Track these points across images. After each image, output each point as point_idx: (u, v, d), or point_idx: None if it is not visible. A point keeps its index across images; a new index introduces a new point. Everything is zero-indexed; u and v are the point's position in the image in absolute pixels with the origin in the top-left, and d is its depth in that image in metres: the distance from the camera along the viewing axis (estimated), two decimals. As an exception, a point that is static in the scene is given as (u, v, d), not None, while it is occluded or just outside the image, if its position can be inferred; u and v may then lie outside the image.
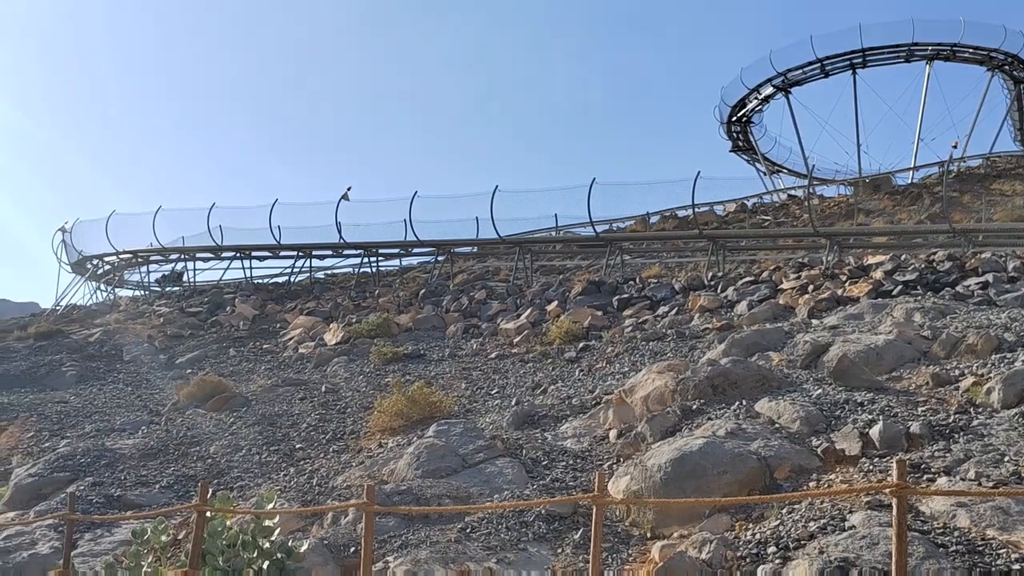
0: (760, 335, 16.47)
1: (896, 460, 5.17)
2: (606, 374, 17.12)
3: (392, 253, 39.37)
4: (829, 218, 38.34)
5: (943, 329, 14.62)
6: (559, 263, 36.59)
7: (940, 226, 28.59)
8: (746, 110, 55.81)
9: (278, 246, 38.63)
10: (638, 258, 34.51)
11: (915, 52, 51.62)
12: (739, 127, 57.14)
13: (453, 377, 19.16)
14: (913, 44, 50.96)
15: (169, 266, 42.91)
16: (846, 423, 10.91)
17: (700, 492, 9.65)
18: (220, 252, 40.48)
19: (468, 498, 10.86)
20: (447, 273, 35.32)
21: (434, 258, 38.64)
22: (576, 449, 12.72)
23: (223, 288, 38.56)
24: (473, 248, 38.73)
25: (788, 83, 53.51)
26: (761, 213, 44.38)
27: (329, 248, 38.59)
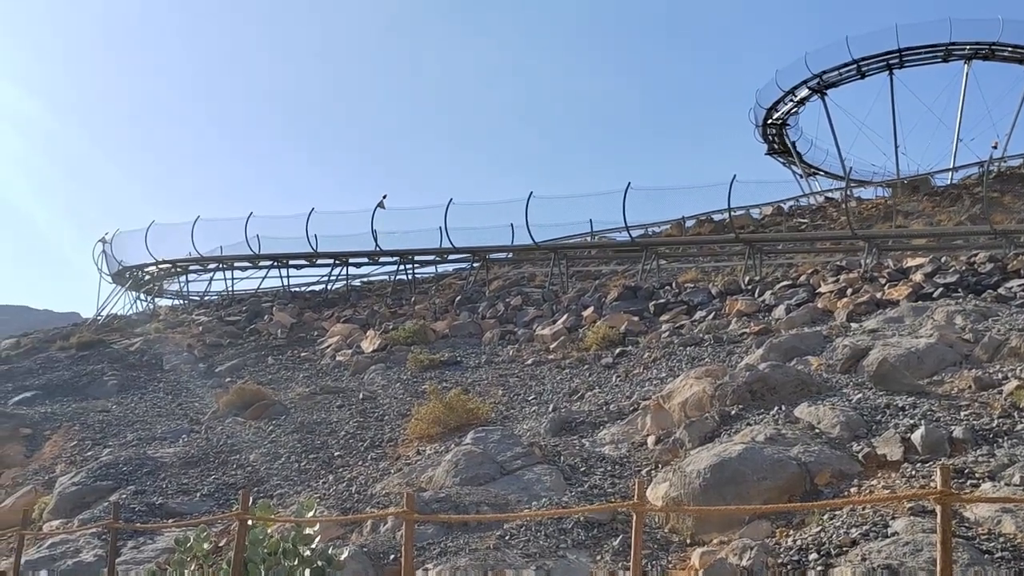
0: (798, 339, 16.34)
1: (940, 466, 5.11)
2: (643, 380, 17.06)
3: (428, 260, 39.52)
4: (867, 220, 37.90)
5: (985, 332, 14.42)
6: (594, 268, 36.48)
7: (981, 227, 28.17)
8: (781, 112, 55.41)
9: (315, 254, 38.88)
10: (674, 263, 34.34)
11: (953, 52, 50.98)
12: (774, 130, 56.74)
13: (490, 384, 19.18)
14: (951, 44, 50.34)
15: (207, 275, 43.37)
16: (887, 428, 10.80)
17: (740, 498, 9.60)
18: (257, 261, 40.84)
19: (506, 505, 10.88)
20: (482, 280, 35.36)
21: (469, 265, 38.72)
22: (614, 455, 12.68)
23: (261, 297, 38.93)
24: (508, 254, 38.75)
25: (824, 85, 53.06)
26: (798, 216, 43.99)
27: (365, 256, 38.78)
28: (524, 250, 36.09)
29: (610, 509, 9.90)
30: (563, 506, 10.60)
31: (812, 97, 54.01)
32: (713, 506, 9.41)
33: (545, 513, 9.99)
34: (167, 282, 45.40)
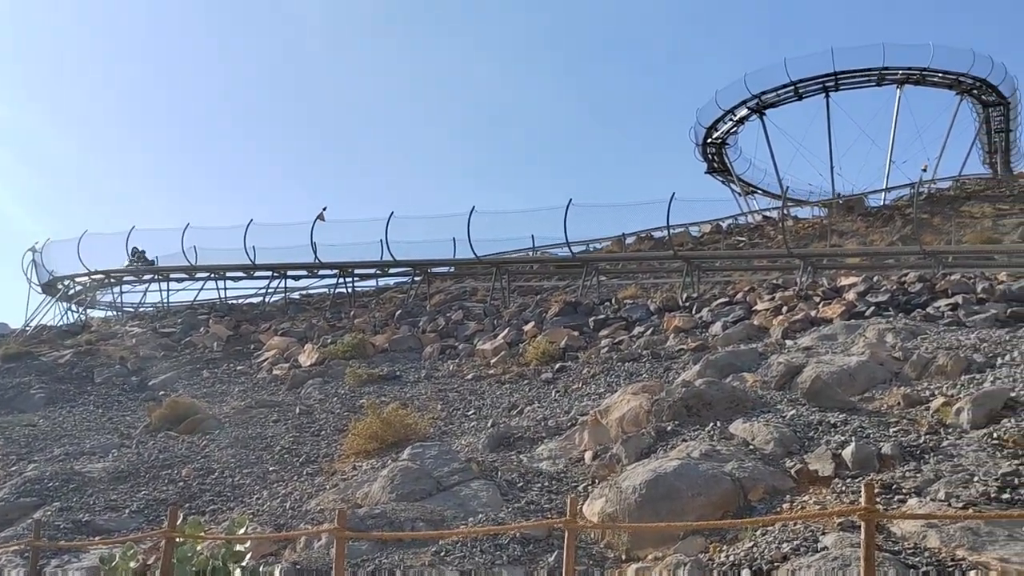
0: (734, 356, 16.56)
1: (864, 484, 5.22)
2: (582, 395, 17.14)
3: (368, 274, 39.37)
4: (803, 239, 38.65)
5: (914, 350, 14.75)
6: (536, 284, 36.65)
7: (911, 248, 28.91)
8: (721, 132, 56.28)
9: (253, 266, 38.50)
10: (614, 279, 34.63)
11: (886, 76, 52.31)
12: (714, 149, 57.60)
13: (429, 399, 19.12)
14: (884, 68, 51.64)
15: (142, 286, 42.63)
16: (819, 444, 10.97)
17: (674, 514, 9.67)
18: (194, 273, 40.30)
19: (442, 521, 10.84)
20: (424, 294, 35.30)
21: (411, 279, 38.63)
22: (552, 471, 12.70)
23: (197, 309, 38.36)
24: (450, 268, 38.76)
25: (762, 105, 54.03)
26: (736, 234, 44.73)
27: (304, 268, 38.51)
28: (466, 264, 36.14)
29: (544, 526, 9.91)
30: (499, 522, 10.59)
31: (751, 117, 54.95)
32: (648, 522, 9.47)
33: (481, 530, 9.97)
34: (99, 293, 44.53)
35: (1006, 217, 37.93)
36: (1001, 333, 15.67)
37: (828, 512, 8.53)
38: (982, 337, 15.41)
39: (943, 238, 33.59)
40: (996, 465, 9.41)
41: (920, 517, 8.04)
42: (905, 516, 7.99)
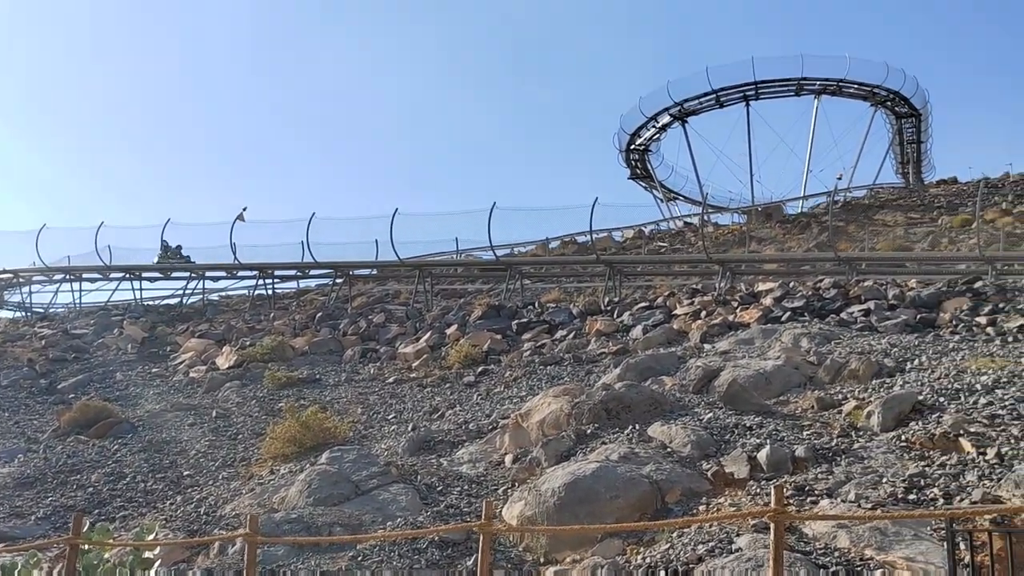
0: (654, 360, 16.74)
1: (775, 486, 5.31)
2: (504, 398, 17.16)
3: (289, 275, 38.84)
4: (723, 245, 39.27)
5: (828, 355, 15.10)
6: (459, 287, 36.57)
7: (826, 254, 29.57)
8: (644, 138, 56.86)
9: (170, 267, 37.70)
10: (538, 283, 34.75)
11: (804, 86, 53.48)
12: (637, 155, 58.17)
13: (349, 402, 18.95)
14: (802, 79, 52.78)
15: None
16: (735, 447, 11.16)
17: (593, 516, 9.74)
18: (108, 273, 39.28)
19: (360, 526, 10.74)
20: (345, 296, 34.97)
21: (332, 280, 38.19)
22: (472, 474, 12.70)
23: (111, 310, 37.36)
24: (372, 271, 38.44)
25: (685, 113, 54.75)
26: (658, 240, 45.24)
27: (223, 269, 37.85)
28: (389, 267, 35.89)
29: (462, 529, 9.88)
30: (418, 526, 10.53)
31: (674, 124, 55.64)
32: (566, 525, 9.51)
33: (398, 534, 9.90)
34: (7, 293, 43.10)
35: (917, 226, 39.06)
36: (911, 338, 16.13)
37: (742, 514, 8.67)
38: (893, 342, 15.84)
39: (857, 245, 34.44)
40: (904, 467, 9.69)
41: (828, 518, 8.22)
42: (814, 517, 8.17)
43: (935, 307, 18.59)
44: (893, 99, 53.95)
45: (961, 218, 36.97)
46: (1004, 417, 10.64)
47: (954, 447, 10.04)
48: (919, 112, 55.29)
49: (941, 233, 36.06)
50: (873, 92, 53.50)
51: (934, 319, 17.74)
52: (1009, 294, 18.52)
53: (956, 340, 15.73)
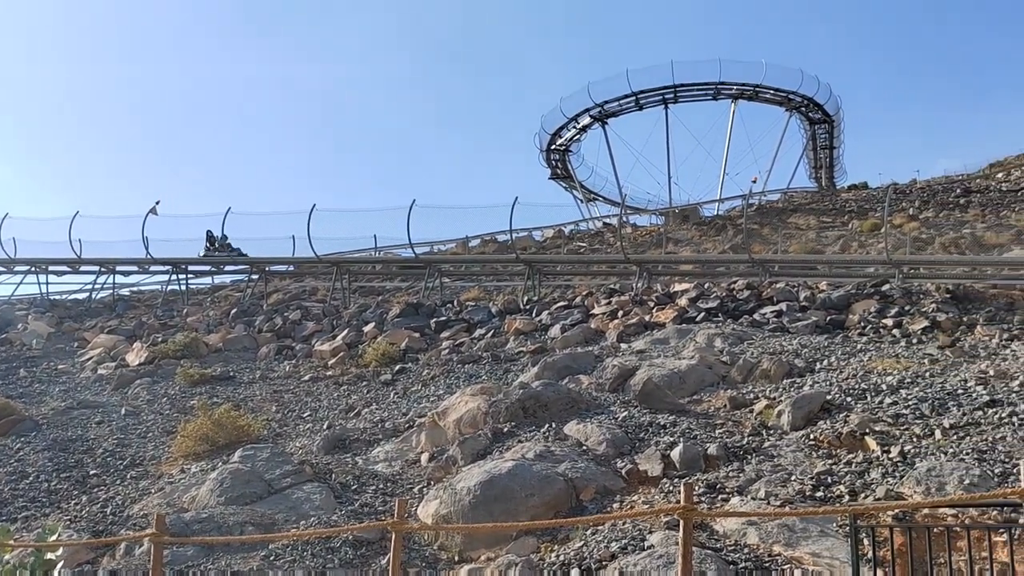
0: (571, 359, 16.85)
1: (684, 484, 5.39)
2: (421, 397, 17.09)
3: (203, 271, 38.03)
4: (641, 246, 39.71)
5: (741, 355, 15.39)
6: (378, 284, 36.29)
7: (741, 256, 30.06)
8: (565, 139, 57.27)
9: (78, 260, 36.59)
10: (457, 281, 34.66)
11: (722, 91, 54.49)
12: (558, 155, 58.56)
13: (263, 400, 18.66)
14: (720, 83, 53.77)
15: None
16: (649, 445, 11.30)
17: (508, 515, 9.75)
18: (12, 266, 37.99)
19: (273, 525, 10.59)
20: (261, 292, 34.40)
21: (247, 277, 37.55)
22: (387, 473, 12.62)
23: (15, 304, 36.10)
24: (289, 267, 37.92)
25: (605, 114, 55.30)
26: (577, 240, 45.56)
27: (134, 264, 36.87)
28: (306, 263, 35.42)
29: (375, 528, 9.81)
30: (332, 525, 10.43)
31: (594, 125, 56.16)
32: (481, 523, 9.51)
33: (311, 533, 9.78)
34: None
35: (829, 229, 40.06)
36: (821, 339, 16.54)
37: (653, 511, 8.78)
38: (803, 343, 16.22)
39: (771, 248, 35.16)
40: (812, 465, 9.92)
41: (737, 515, 8.38)
42: (722, 514, 8.32)
43: (844, 309, 19.08)
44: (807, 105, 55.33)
45: (871, 223, 38.01)
46: (907, 416, 10.98)
47: (860, 445, 10.32)
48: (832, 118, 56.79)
49: (851, 237, 37.04)
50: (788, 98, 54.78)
51: (843, 321, 18.21)
52: (914, 297, 19.12)
53: (864, 341, 16.17)
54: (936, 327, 16.56)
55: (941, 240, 34.13)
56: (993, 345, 14.90)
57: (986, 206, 40.68)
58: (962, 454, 9.40)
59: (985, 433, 10.02)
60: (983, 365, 13.13)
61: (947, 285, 20.48)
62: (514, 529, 9.29)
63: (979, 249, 32.39)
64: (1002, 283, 23.39)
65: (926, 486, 8.61)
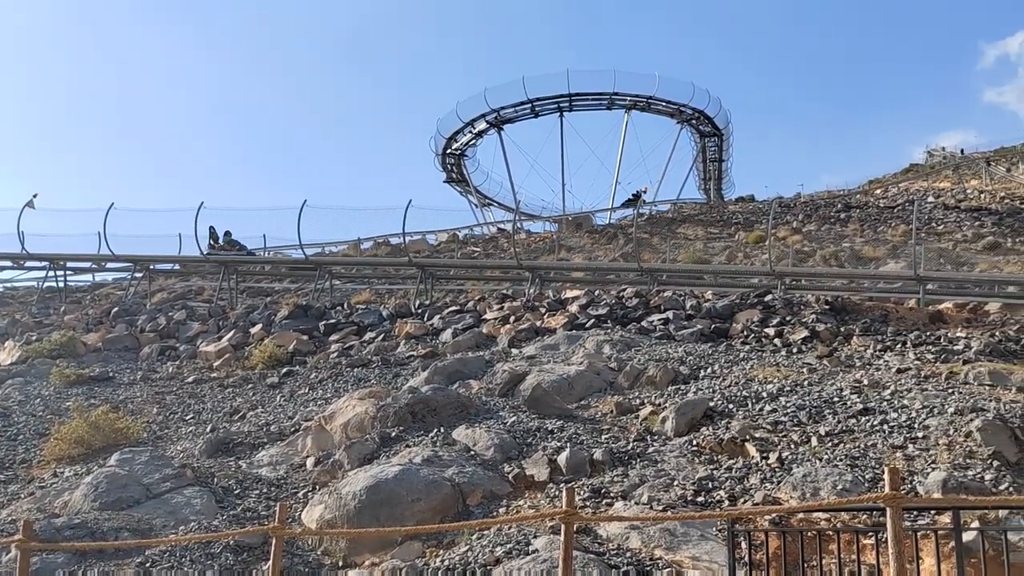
0: (462, 363, 16.87)
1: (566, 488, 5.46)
2: (308, 400, 16.87)
3: (83, 267, 36.79)
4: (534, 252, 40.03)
5: (628, 361, 15.65)
6: (267, 285, 35.71)
7: (631, 265, 30.61)
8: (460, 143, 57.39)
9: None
10: (348, 283, 34.35)
11: (616, 101, 55.42)
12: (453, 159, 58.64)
13: (144, 402, 18.15)
14: (614, 94, 54.68)
15: None
16: (537, 450, 11.40)
17: (394, 519, 9.71)
18: None
19: (150, 531, 10.31)
20: (145, 291, 33.46)
21: (131, 274, 36.44)
22: (271, 477, 12.43)
23: None
24: (175, 266, 37.00)
25: (501, 120, 55.60)
26: (472, 244, 45.67)
27: (9, 259, 35.45)
28: (192, 262, 34.64)
29: (256, 532, 9.63)
30: (213, 530, 10.21)
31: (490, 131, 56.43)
32: (366, 527, 9.44)
33: (191, 538, 9.56)
34: None
35: (716, 240, 41.13)
36: (705, 347, 16.93)
37: (538, 515, 8.87)
38: (688, 351, 16.59)
39: (660, 257, 35.87)
40: (694, 470, 10.16)
41: (619, 519, 8.52)
42: (604, 519, 8.45)
43: (729, 318, 19.57)
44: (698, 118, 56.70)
45: (756, 234, 39.14)
46: (786, 423, 11.33)
47: (740, 451, 10.61)
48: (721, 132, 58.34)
49: (737, 248, 38.10)
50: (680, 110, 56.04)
51: (727, 329, 18.68)
52: (795, 308, 19.73)
53: (746, 350, 16.62)
54: (815, 337, 17.13)
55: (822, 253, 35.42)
56: (868, 355, 15.49)
57: (865, 221, 42.37)
58: (836, 460, 9.76)
59: (858, 440, 10.42)
60: (858, 374, 13.64)
61: (826, 297, 21.21)
62: (399, 534, 9.25)
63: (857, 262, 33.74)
64: (877, 295, 24.48)
65: (802, 491, 8.91)
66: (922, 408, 11.23)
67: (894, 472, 5.18)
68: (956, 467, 9.25)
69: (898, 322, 18.66)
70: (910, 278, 24.82)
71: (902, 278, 26.18)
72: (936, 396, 11.77)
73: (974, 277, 27.33)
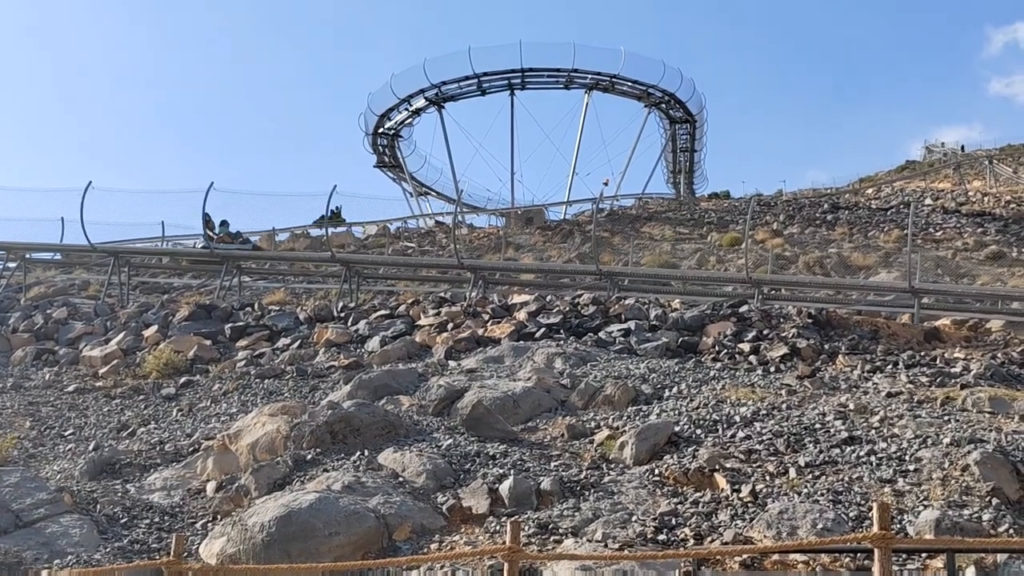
0: (391, 376, 16.80)
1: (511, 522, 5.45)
2: (210, 415, 16.71)
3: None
4: (477, 250, 40.11)
5: (583, 378, 15.71)
6: (164, 281, 35.32)
7: (588, 267, 30.75)
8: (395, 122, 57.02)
9: None
10: (260, 280, 34.09)
11: (575, 79, 55.34)
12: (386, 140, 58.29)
13: (15, 414, 17.84)
14: (573, 71, 54.55)
15: None
16: (476, 478, 11.38)
17: (308, 555, 9.63)
18: None
19: (19, 565, 10.12)
20: (19, 284, 32.88)
21: (3, 264, 35.78)
22: (165, 504, 12.28)
23: None
24: (56, 255, 36.42)
25: (442, 97, 55.34)
26: (405, 239, 45.52)
27: None
28: (77, 251, 34.11)
29: (146, 568, 9.51)
30: (94, 564, 10.05)
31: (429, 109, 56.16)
32: (275, 563, 9.35)
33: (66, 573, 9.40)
34: None
35: (685, 241, 41.52)
36: (671, 364, 17.07)
37: (475, 552, 8.84)
38: (652, 367, 16.71)
39: (621, 259, 36.12)
40: (655, 504, 10.23)
41: (569, 557, 8.53)
42: (552, 557, 8.46)
43: (698, 331, 19.76)
44: (668, 101, 56.91)
45: (731, 236, 39.61)
46: (761, 452, 11.45)
47: (709, 483, 10.69)
48: (694, 118, 58.64)
49: (709, 251, 38.51)
50: (648, 92, 56.15)
51: (697, 343, 18.85)
52: (774, 321, 19.97)
53: (718, 368, 16.79)
54: (796, 355, 17.36)
55: (805, 259, 35.95)
56: (855, 377, 15.73)
57: (854, 224, 43.08)
58: (816, 495, 9.88)
59: (842, 472, 10.56)
60: (843, 398, 13.83)
61: (809, 309, 21.48)
62: (314, 572, 9.17)
63: (845, 271, 34.30)
64: (867, 309, 24.86)
65: (777, 530, 9.00)
66: (914, 438, 11.41)
67: (884, 509, 5.26)
68: (951, 505, 9.42)
69: (889, 340, 18.98)
70: (904, 290, 25.23)
71: (895, 290, 26.63)
72: (930, 424, 11.98)
73: (975, 291, 27.93)
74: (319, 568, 9.02)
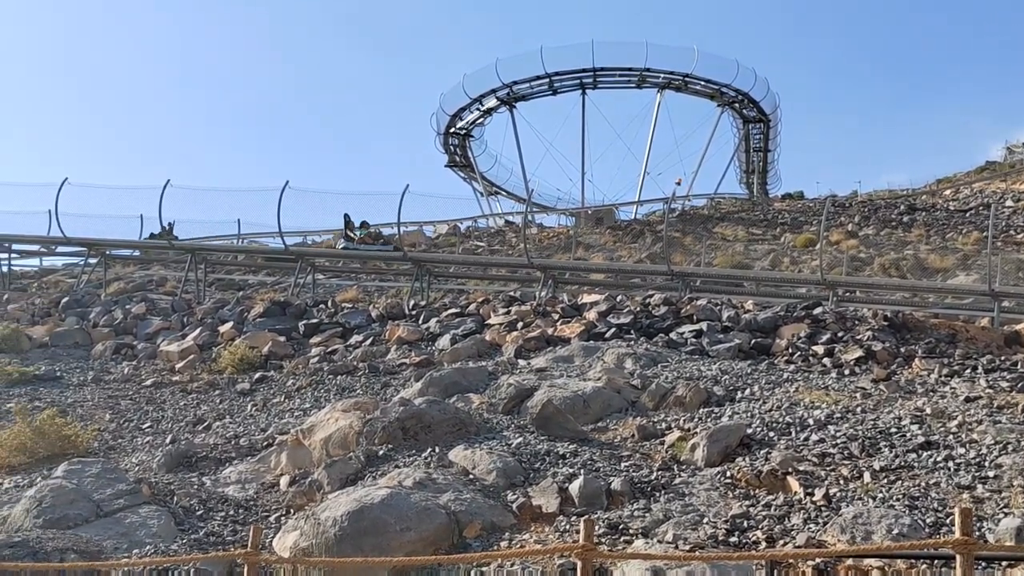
0: (461, 374, 16.87)
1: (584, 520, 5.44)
2: (284, 411, 16.92)
3: (30, 251, 36.92)
4: (547, 249, 40.07)
5: (653, 379, 15.63)
6: (240, 277, 35.82)
7: (659, 267, 30.55)
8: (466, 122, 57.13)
9: None
10: (333, 278, 34.43)
11: (647, 78, 54.95)
12: (458, 140, 58.42)
13: (96, 406, 18.23)
14: (646, 70, 54.15)
15: None
16: (545, 476, 11.38)
17: (379, 550, 9.69)
18: None
19: (100, 553, 10.32)
20: (100, 280, 33.55)
21: (84, 260, 36.54)
22: (239, 498, 12.44)
23: None
24: (135, 252, 37.12)
25: (514, 97, 55.29)
26: (475, 238, 45.64)
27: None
28: (155, 248, 34.77)
29: (223, 559, 9.64)
30: (172, 555, 10.22)
31: (500, 108, 56.13)
32: (345, 558, 9.42)
33: (146, 562, 9.58)
34: None
35: (758, 242, 41.07)
36: (743, 365, 16.92)
37: (547, 550, 8.82)
38: (724, 368, 16.57)
39: (693, 259, 35.86)
40: (727, 506, 10.14)
41: (641, 557, 8.49)
42: (625, 556, 8.42)
43: (771, 332, 19.55)
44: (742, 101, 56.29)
45: (805, 237, 39.13)
46: (835, 456, 11.31)
47: (781, 486, 10.58)
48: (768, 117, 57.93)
49: (783, 252, 38.04)
50: (721, 91, 55.61)
51: (769, 345, 18.65)
52: (849, 323, 19.70)
53: (791, 370, 16.60)
54: (871, 358, 17.10)
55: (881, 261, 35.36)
56: (931, 381, 15.46)
57: (931, 226, 42.30)
58: (892, 500, 9.73)
59: (918, 478, 10.39)
60: (920, 402, 13.62)
61: (885, 311, 21.16)
62: (386, 566, 9.23)
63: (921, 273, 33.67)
64: (944, 312, 24.38)
65: (851, 534, 8.88)
66: (994, 443, 11.20)
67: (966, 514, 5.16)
68: (1031, 512, 9.22)
69: (968, 343, 18.60)
70: (983, 293, 24.77)
71: (974, 293, 26.14)
72: (1011, 430, 11.74)
73: (1057, 294, 27.25)
74: (391, 562, 9.07)
